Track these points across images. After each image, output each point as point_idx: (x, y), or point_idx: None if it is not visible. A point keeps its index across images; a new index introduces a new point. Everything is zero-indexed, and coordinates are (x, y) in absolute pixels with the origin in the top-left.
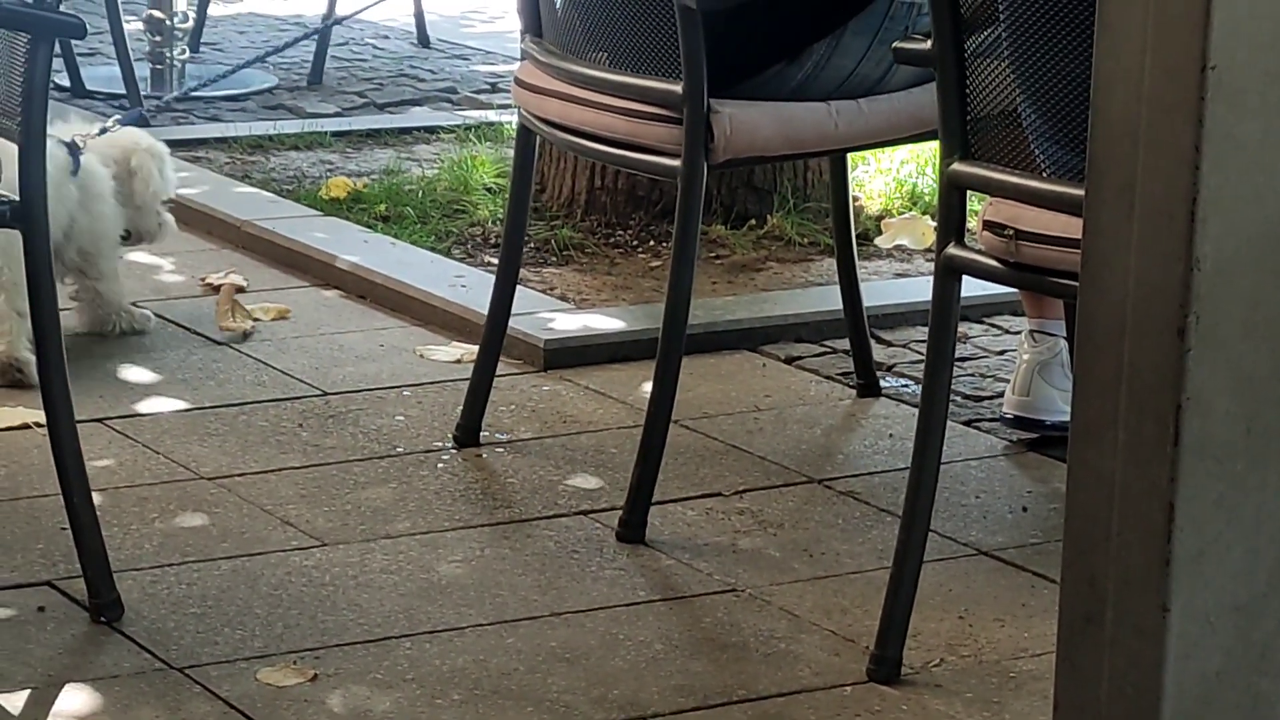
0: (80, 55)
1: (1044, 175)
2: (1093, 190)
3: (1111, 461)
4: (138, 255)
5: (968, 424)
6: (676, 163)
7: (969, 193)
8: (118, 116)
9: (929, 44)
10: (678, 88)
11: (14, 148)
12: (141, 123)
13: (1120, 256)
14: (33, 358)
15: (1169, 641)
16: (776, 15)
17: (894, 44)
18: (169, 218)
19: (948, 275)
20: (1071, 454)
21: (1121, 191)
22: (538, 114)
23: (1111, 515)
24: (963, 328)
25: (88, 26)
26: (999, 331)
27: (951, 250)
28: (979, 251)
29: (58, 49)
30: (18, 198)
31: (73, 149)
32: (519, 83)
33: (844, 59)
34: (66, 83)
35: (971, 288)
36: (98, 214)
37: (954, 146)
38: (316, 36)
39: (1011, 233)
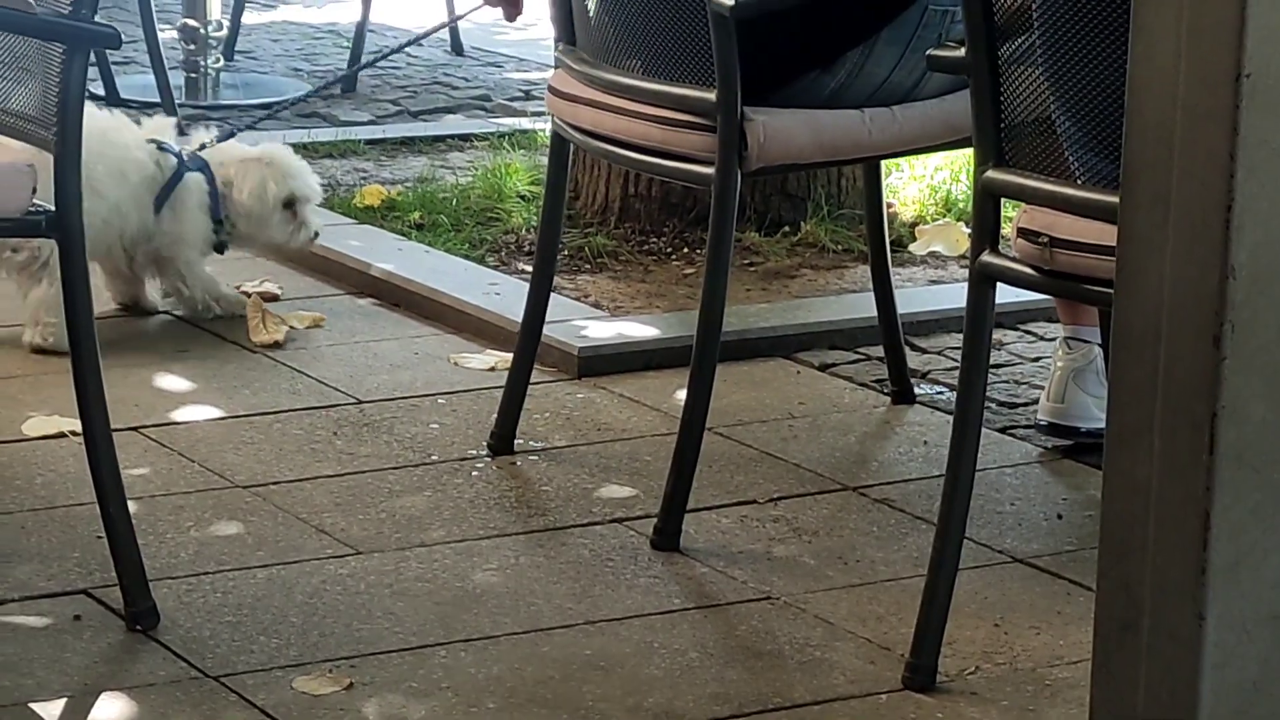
0: (115, 64)
1: (1078, 182)
2: (1127, 198)
3: (1147, 470)
4: None
5: (1002, 431)
6: (710, 170)
7: (1003, 200)
8: (215, 133)
9: (963, 51)
10: (711, 95)
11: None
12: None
13: (1155, 264)
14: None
15: (1205, 650)
16: (810, 23)
17: (928, 52)
18: (312, 220)
19: (982, 283)
20: (1107, 462)
21: (1156, 199)
22: (572, 122)
23: (1148, 523)
24: (997, 334)
25: (122, 36)
26: (1033, 338)
27: (986, 258)
28: (1013, 259)
29: (93, 58)
30: (54, 207)
31: (182, 161)
32: (553, 91)
33: (877, 67)
34: (101, 92)
35: (1006, 294)
36: (178, 221)
37: (988, 154)
38: (352, 45)
39: (1046, 240)
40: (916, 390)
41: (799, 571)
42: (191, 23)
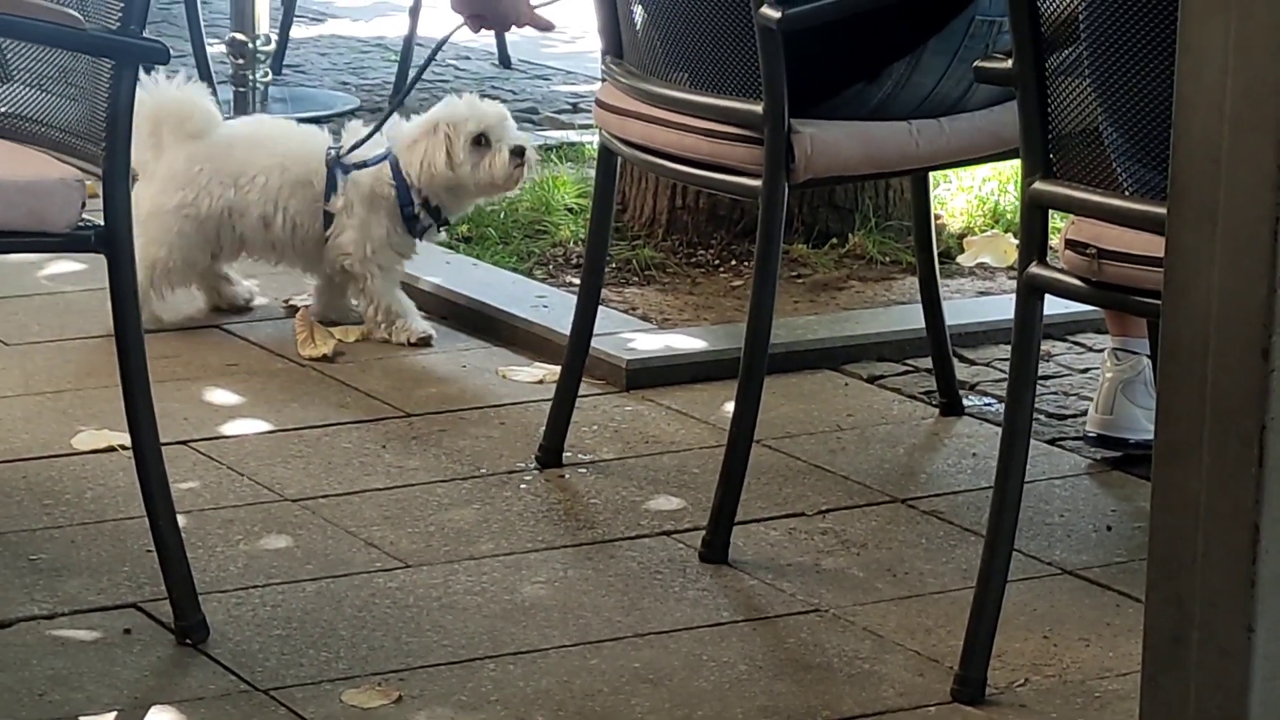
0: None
1: (1126, 194)
2: (1174, 211)
3: (1196, 483)
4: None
5: (1051, 443)
6: (758, 183)
7: (1051, 211)
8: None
9: (1010, 63)
10: (759, 108)
11: None
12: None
13: (1203, 277)
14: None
15: (1254, 663)
16: (857, 34)
17: (975, 63)
18: (497, 162)
19: (1030, 294)
20: (1156, 475)
21: (1203, 213)
22: (619, 135)
23: (1197, 536)
24: (1046, 345)
25: (171, 50)
26: (1082, 349)
27: (1034, 269)
28: (1061, 270)
29: (142, 73)
30: (103, 223)
31: (331, 169)
32: (600, 104)
33: (924, 77)
34: None
35: (1054, 305)
36: (350, 228)
37: (1035, 165)
38: (399, 56)
39: (1094, 251)
40: (965, 402)
41: (848, 584)
42: (240, 37)
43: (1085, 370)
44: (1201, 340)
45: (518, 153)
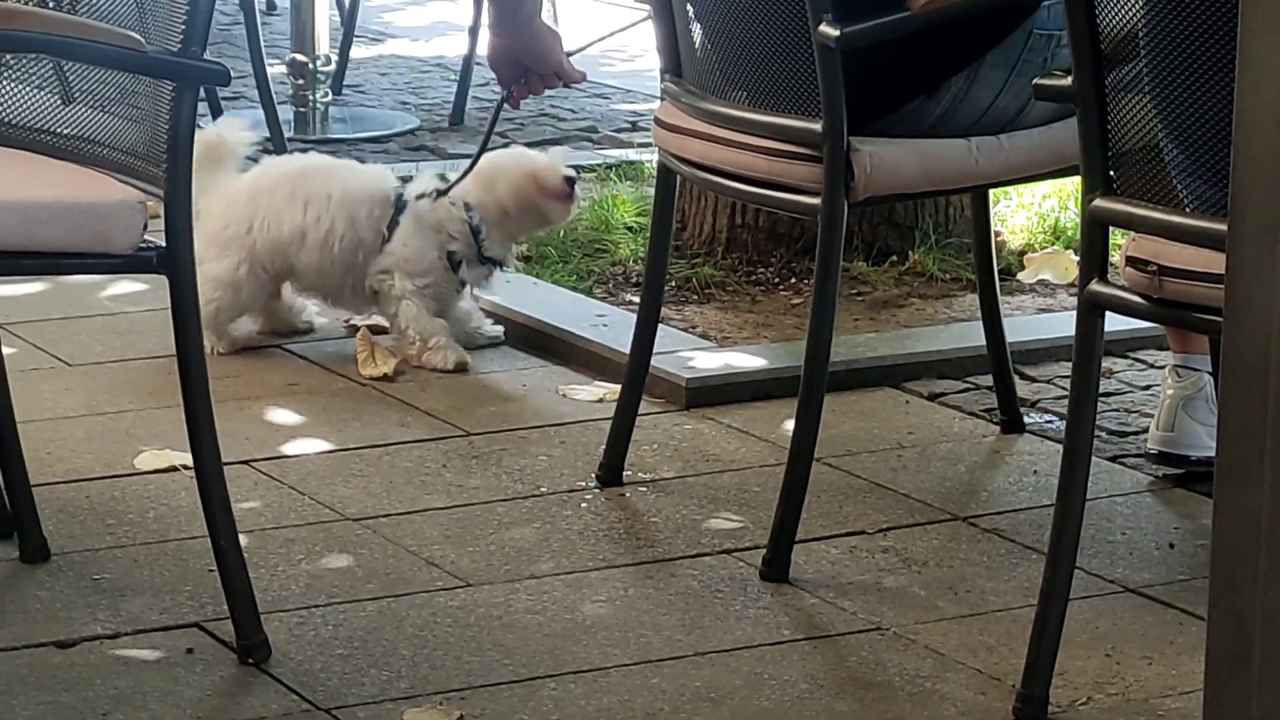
0: (225, 99)
1: (1187, 210)
2: (1235, 229)
3: (1257, 501)
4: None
5: (1113, 460)
6: (817, 201)
7: (1112, 228)
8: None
9: (1069, 80)
10: (817, 126)
11: None
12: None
13: (1263, 295)
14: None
15: None
16: (915, 50)
17: (1034, 81)
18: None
19: (1090, 312)
20: (1217, 494)
21: (1264, 230)
22: (678, 154)
23: (1258, 555)
24: (1108, 362)
25: (231, 71)
26: (1144, 366)
27: (1094, 286)
28: (1121, 287)
29: (202, 94)
30: (165, 244)
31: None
32: (659, 123)
33: (982, 91)
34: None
35: (1116, 322)
36: (398, 251)
37: (1096, 182)
38: (461, 76)
39: (1155, 268)
40: (1026, 419)
41: (909, 602)
42: (300, 58)
43: (1147, 387)
44: (1262, 357)
45: (568, 181)
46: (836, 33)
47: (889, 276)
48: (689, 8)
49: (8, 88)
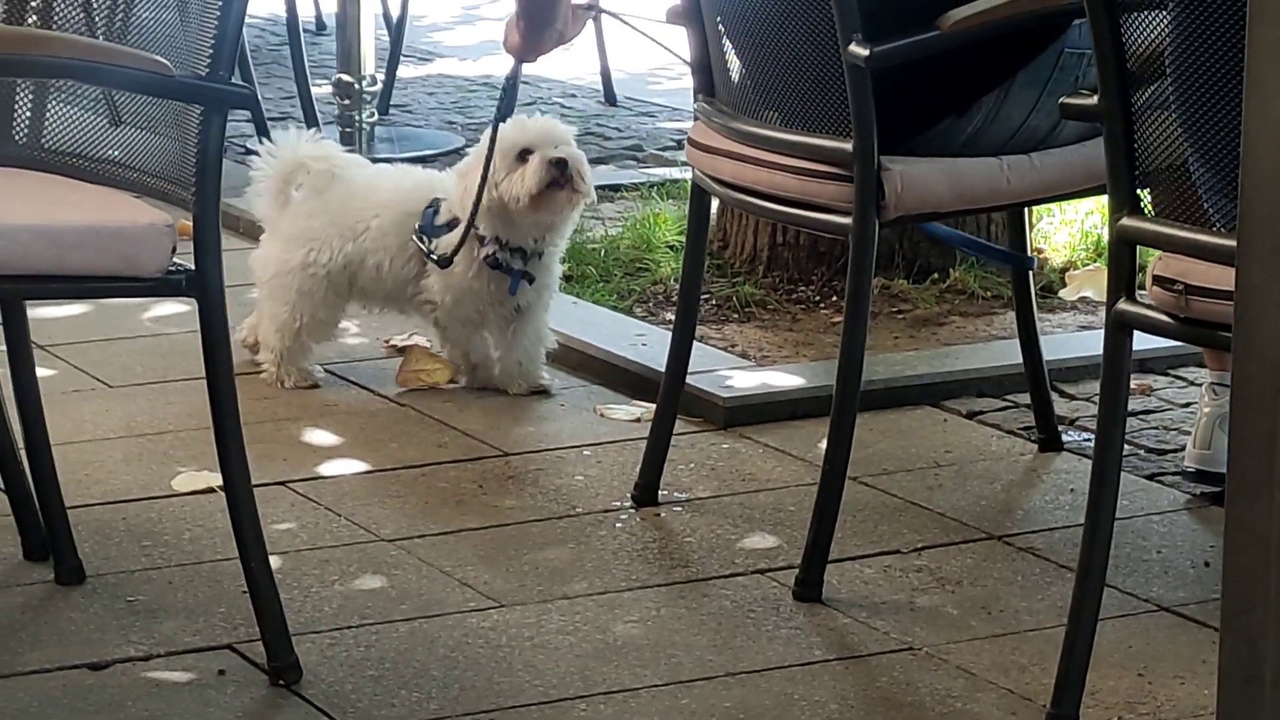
0: (271, 119)
1: (1214, 229)
2: (1244, 250)
3: (1267, 522)
4: None
5: (1150, 478)
6: (848, 220)
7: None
8: None
9: (1096, 99)
10: (848, 145)
11: None
12: None
13: (1272, 316)
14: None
15: None
16: (945, 69)
17: (1061, 99)
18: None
19: (1119, 331)
20: (1227, 515)
21: (1273, 251)
22: (711, 173)
23: (1269, 576)
24: (1147, 380)
25: (278, 91)
26: (1183, 383)
27: (1122, 305)
28: (1149, 306)
29: (248, 115)
30: (194, 267)
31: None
32: (692, 143)
33: (1013, 111)
34: (257, 147)
35: (1157, 339)
36: (434, 277)
37: (1123, 201)
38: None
39: (1182, 287)
40: (1064, 437)
41: (942, 622)
42: (345, 78)
43: (1186, 405)
44: (1272, 378)
45: (557, 164)
46: (866, 52)
47: (930, 294)
48: (720, 27)
49: (56, 109)
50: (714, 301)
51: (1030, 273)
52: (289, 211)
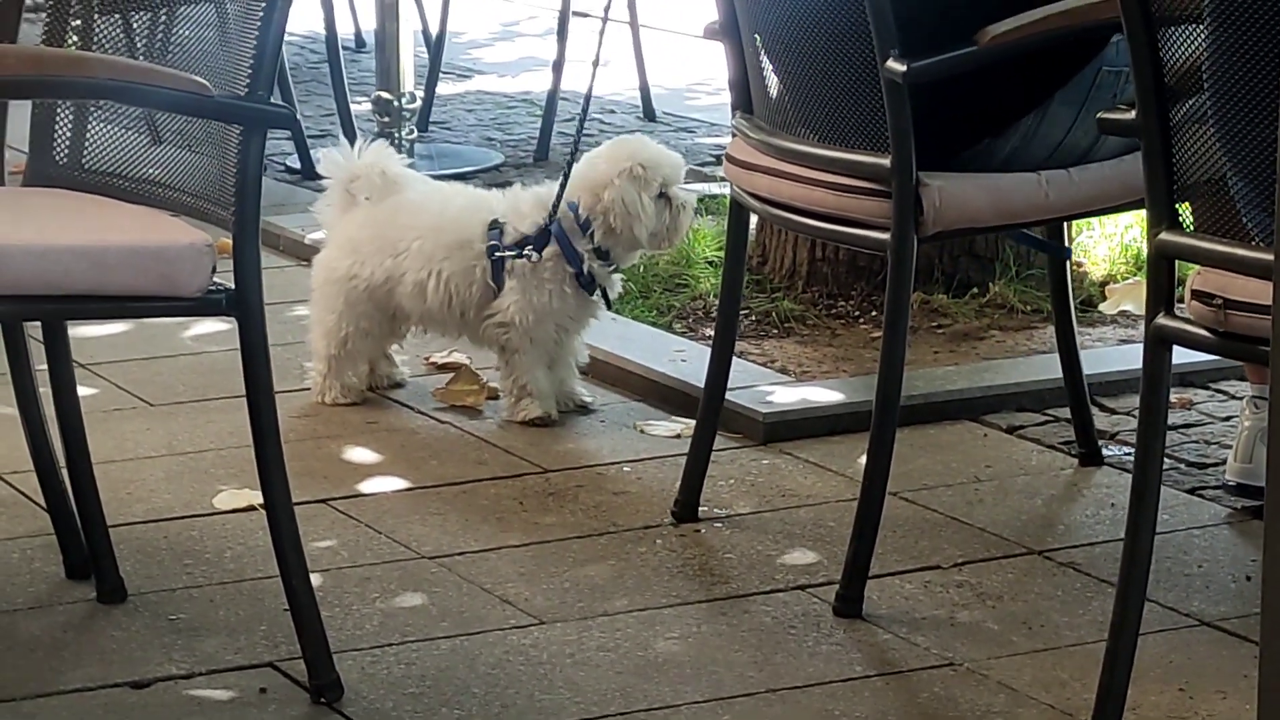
0: (311, 137)
1: (1252, 243)
2: (1279, 262)
3: None
4: None
5: (1191, 492)
6: (886, 236)
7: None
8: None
9: (1134, 114)
10: (886, 161)
11: None
12: None
13: None
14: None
15: None
16: (982, 87)
17: (1099, 115)
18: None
19: (1158, 345)
20: (1267, 530)
21: None
22: (749, 189)
23: None
24: (1188, 393)
25: (318, 109)
26: (1225, 397)
27: (1161, 320)
28: (1188, 321)
29: (288, 133)
30: (233, 286)
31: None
32: (729, 159)
33: (1052, 129)
34: (298, 165)
35: (1198, 354)
36: (512, 297)
37: (1161, 216)
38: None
39: (1220, 302)
40: (1105, 452)
41: (982, 637)
42: (385, 95)
43: (1227, 418)
44: None
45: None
46: (903, 68)
47: (970, 309)
48: (758, 43)
49: (96, 129)
50: (753, 317)
51: (1068, 263)
52: (344, 219)
